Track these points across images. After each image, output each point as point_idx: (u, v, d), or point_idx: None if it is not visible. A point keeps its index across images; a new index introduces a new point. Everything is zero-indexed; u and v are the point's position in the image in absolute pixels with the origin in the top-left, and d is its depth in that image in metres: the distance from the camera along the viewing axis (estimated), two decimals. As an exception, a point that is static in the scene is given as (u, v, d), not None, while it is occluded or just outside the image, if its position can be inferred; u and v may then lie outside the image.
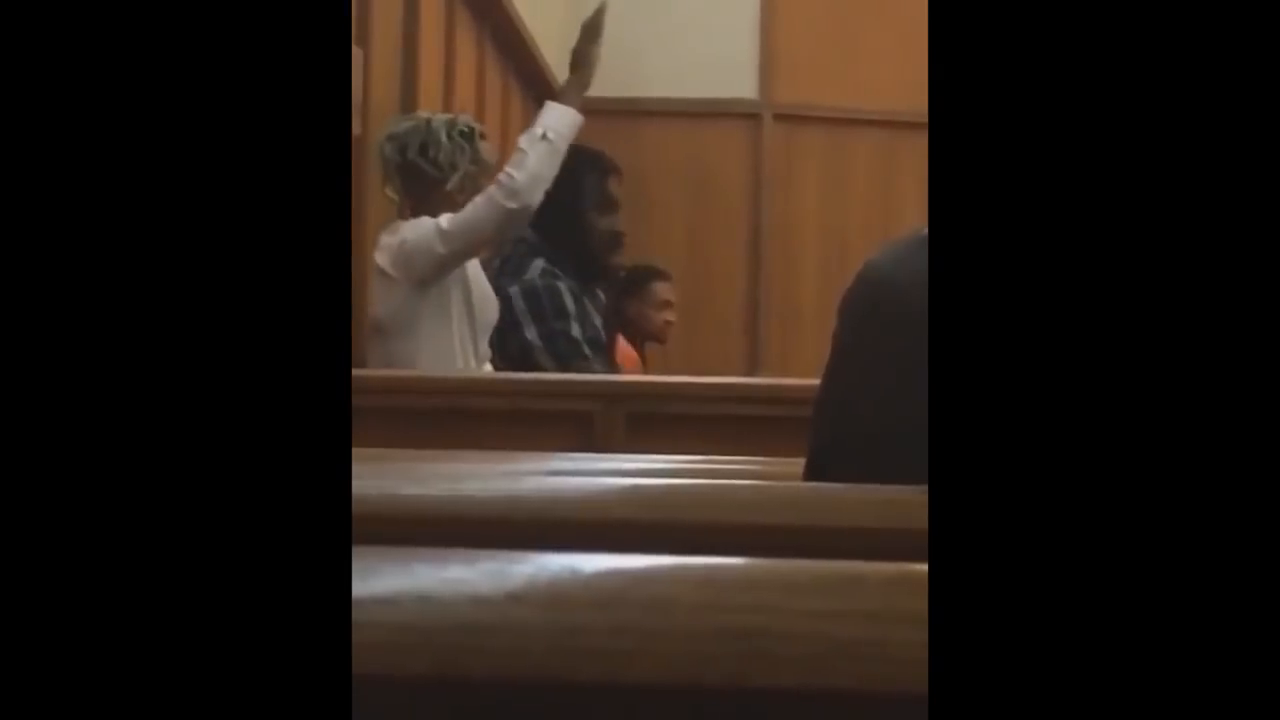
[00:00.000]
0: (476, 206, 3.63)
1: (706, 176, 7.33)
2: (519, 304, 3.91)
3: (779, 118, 7.37)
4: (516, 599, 0.58)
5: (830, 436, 1.24)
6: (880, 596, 0.62)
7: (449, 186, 3.73)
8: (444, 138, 3.77)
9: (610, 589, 0.60)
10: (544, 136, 3.75)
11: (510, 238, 3.89)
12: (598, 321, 4.05)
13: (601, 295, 4.18)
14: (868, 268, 1.25)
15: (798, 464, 1.28)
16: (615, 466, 1.58)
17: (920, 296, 1.08)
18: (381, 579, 0.62)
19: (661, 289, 5.61)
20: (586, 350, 3.89)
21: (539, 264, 3.96)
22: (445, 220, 3.63)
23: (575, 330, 3.90)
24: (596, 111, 7.10)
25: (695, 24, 7.23)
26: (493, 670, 0.58)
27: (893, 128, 7.24)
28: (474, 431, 3.02)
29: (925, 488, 0.79)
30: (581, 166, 4.11)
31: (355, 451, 0.77)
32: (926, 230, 1.18)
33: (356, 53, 4.00)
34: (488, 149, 3.88)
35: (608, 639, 0.58)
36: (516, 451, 2.04)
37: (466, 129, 3.81)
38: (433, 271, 3.65)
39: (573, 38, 4.18)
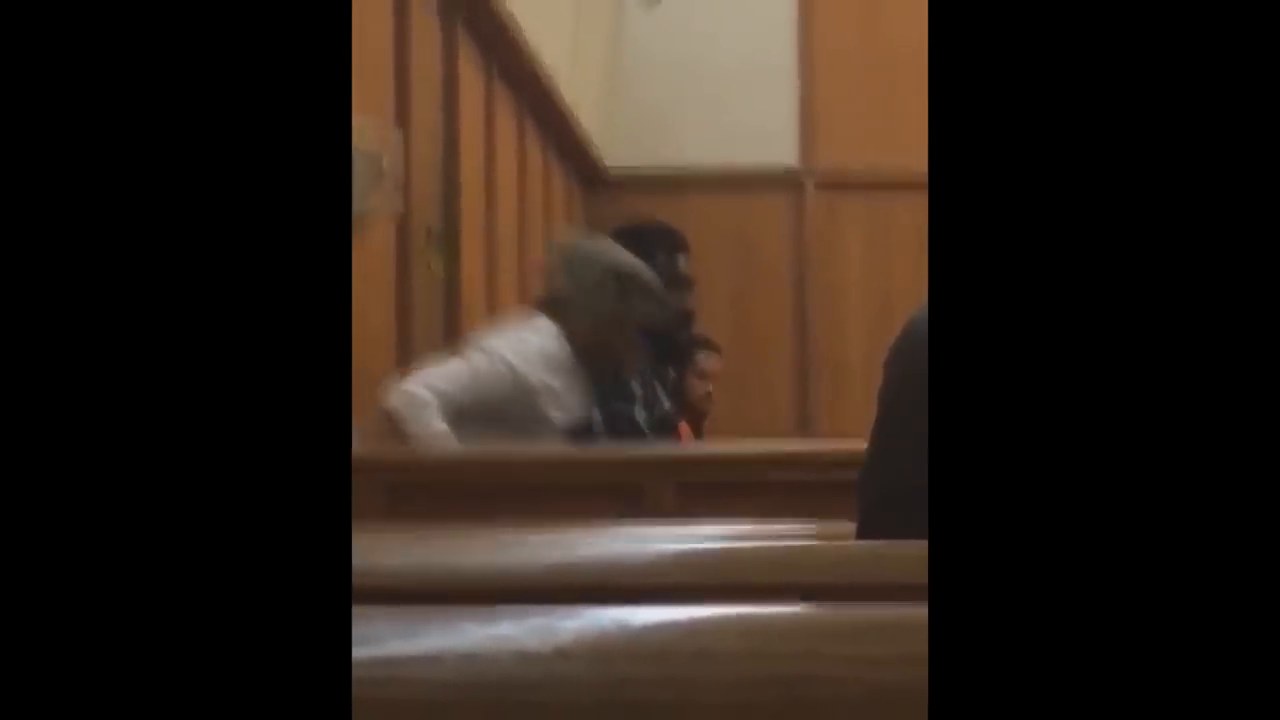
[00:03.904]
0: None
1: (750, 244, 7.34)
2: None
3: (821, 185, 7.38)
4: (564, 654, 0.58)
5: (879, 494, 1.24)
6: (920, 640, 0.61)
7: None
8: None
9: (656, 641, 0.60)
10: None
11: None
12: (666, 403, 4.02)
13: (671, 373, 4.15)
14: (911, 324, 1.25)
15: (850, 526, 1.28)
16: (667, 533, 1.58)
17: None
18: (427, 638, 0.62)
19: (706, 359, 5.61)
20: (647, 432, 3.85)
21: None
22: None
23: (639, 414, 3.86)
24: (638, 183, 7.16)
25: (734, 92, 7.25)
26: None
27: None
28: (521, 507, 3.01)
29: None
30: (652, 243, 4.06)
31: (401, 528, 0.76)
32: None
33: (396, 134, 4.03)
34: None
35: (655, 690, 0.58)
36: (565, 524, 2.04)
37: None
38: None
39: (611, 110, 4.16)
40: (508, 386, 3.45)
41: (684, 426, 5.15)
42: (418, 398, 3.36)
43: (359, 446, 3.02)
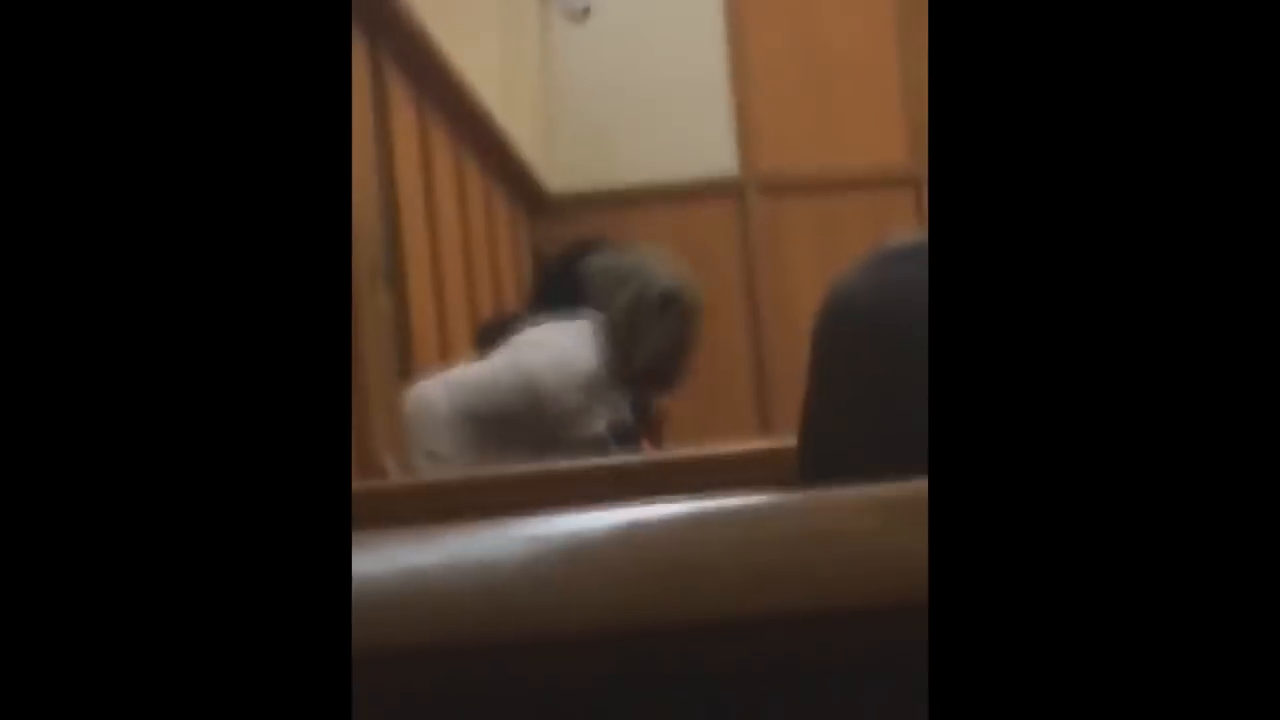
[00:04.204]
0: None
1: (698, 255, 7.33)
2: None
3: (763, 190, 7.38)
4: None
5: (814, 461, 1.25)
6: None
7: None
8: None
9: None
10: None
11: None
12: (628, 415, 4.02)
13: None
14: (830, 291, 1.28)
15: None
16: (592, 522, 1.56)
17: (883, 311, 1.12)
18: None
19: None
20: (612, 444, 3.85)
21: None
22: None
23: (601, 426, 3.86)
24: (581, 203, 7.15)
25: (669, 104, 7.24)
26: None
27: (881, 186, 7.24)
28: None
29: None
30: None
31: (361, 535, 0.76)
32: (883, 248, 1.21)
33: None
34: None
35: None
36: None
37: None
38: None
39: (548, 133, 4.24)
40: (525, 408, 3.46)
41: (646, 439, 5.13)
42: (430, 407, 3.37)
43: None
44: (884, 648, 0.67)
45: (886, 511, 0.69)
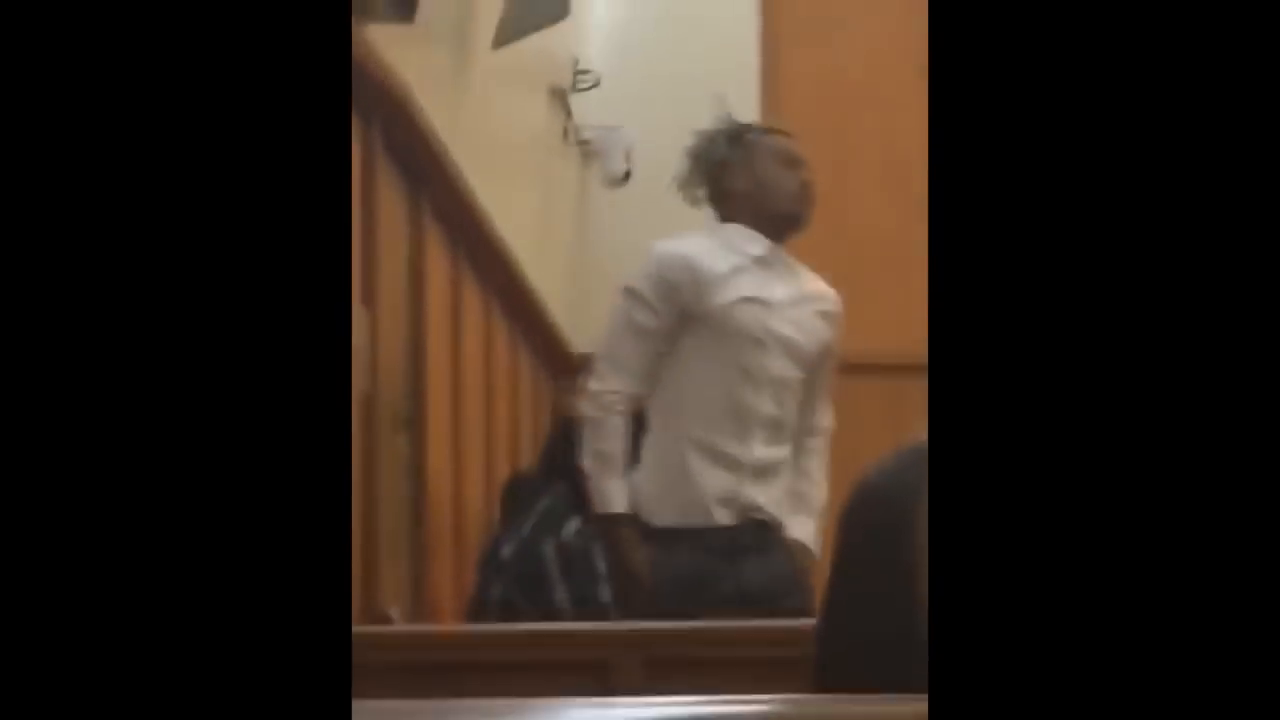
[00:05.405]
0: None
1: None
2: (552, 562, 3.86)
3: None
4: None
5: (836, 648, 1.25)
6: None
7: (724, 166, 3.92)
8: (711, 134, 3.92)
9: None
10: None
11: None
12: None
13: None
14: (859, 482, 1.29)
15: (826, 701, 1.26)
16: (634, 714, 1.54)
17: (905, 504, 1.12)
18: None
19: None
20: (614, 612, 3.83)
21: (574, 523, 3.93)
22: None
23: (605, 595, 3.85)
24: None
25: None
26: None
27: (900, 371, 7.25)
28: (483, 686, 2.95)
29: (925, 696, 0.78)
30: None
31: (362, 705, 0.75)
32: (915, 443, 1.19)
33: (363, 312, 4.02)
34: (770, 137, 3.96)
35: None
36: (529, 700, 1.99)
37: (738, 124, 3.92)
38: None
39: (579, 294, 4.38)
40: (689, 288, 3.84)
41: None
42: (604, 406, 3.59)
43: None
44: None
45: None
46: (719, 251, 3.95)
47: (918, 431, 1.21)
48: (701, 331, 3.90)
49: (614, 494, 3.87)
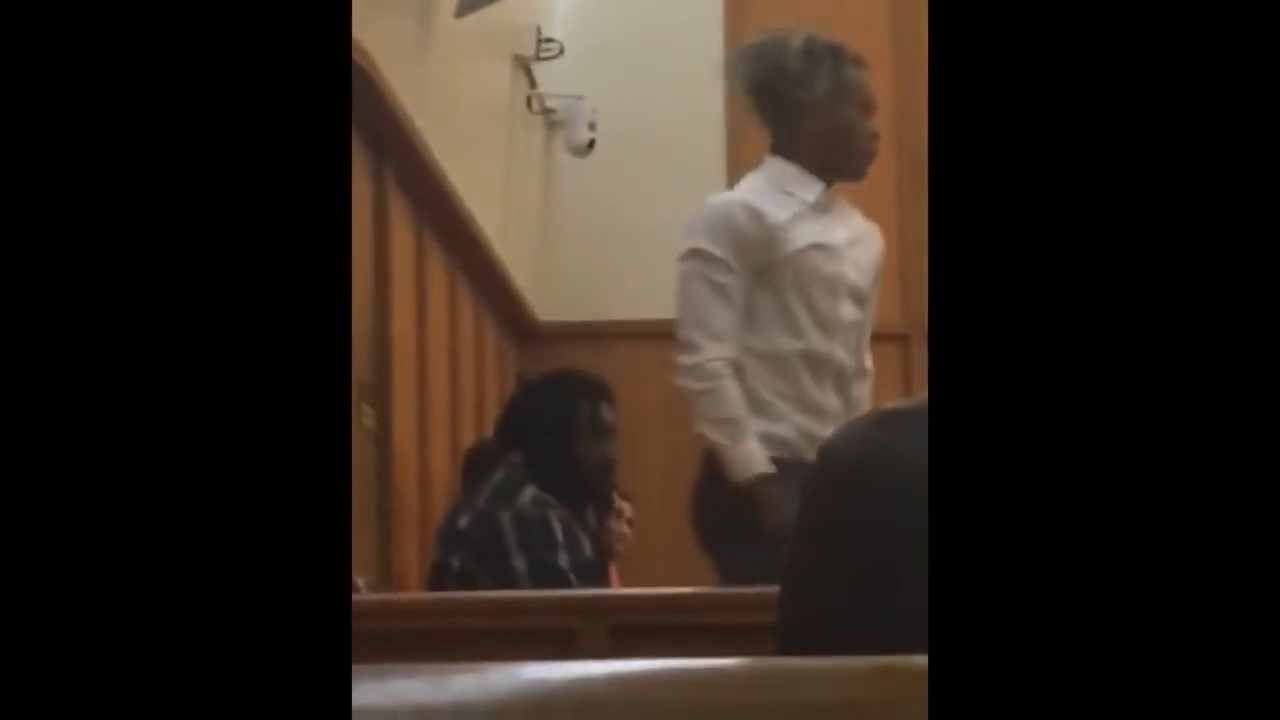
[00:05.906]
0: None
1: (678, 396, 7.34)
2: (509, 531, 3.85)
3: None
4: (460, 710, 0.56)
5: (799, 612, 1.24)
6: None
7: (804, 103, 3.74)
8: (798, 53, 3.75)
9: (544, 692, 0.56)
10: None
11: None
12: (588, 548, 3.99)
13: (593, 519, 4.13)
14: (823, 448, 1.28)
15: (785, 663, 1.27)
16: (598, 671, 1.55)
17: (876, 468, 1.12)
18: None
19: (622, 506, 5.64)
20: (573, 579, 3.83)
21: (530, 491, 3.91)
22: None
23: (563, 560, 3.83)
24: (571, 335, 7.17)
25: (664, 241, 7.27)
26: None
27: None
28: (450, 653, 2.96)
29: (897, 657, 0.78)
30: (574, 391, 4.09)
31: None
32: (882, 410, 1.20)
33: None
34: (856, 75, 3.79)
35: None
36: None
37: (827, 46, 3.78)
38: None
39: (544, 263, 4.31)
40: (761, 239, 3.72)
41: (614, 569, 5.13)
42: (710, 375, 3.65)
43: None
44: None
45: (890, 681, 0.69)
46: (778, 198, 3.79)
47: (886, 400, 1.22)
48: (772, 281, 3.77)
49: (753, 456, 3.74)
